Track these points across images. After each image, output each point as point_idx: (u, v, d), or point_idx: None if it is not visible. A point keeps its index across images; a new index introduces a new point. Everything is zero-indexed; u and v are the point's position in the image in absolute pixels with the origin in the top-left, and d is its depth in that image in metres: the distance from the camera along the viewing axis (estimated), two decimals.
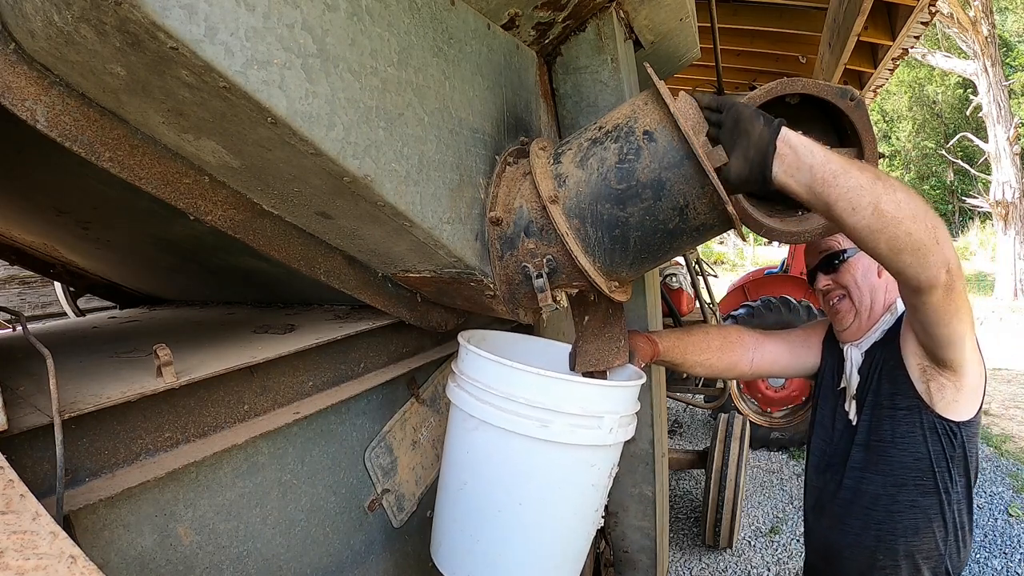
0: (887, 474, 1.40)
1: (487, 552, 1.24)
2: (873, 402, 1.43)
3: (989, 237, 17.62)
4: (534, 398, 1.15)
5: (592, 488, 1.26)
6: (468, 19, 1.20)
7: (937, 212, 1.06)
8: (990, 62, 12.04)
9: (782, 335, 1.73)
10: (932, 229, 1.03)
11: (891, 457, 1.39)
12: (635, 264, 1.21)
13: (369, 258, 1.30)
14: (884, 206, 1.01)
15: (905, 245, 1.04)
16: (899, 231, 1.02)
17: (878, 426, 1.41)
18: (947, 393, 1.31)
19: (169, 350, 0.98)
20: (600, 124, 1.20)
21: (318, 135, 0.83)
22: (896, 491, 1.39)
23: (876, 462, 1.42)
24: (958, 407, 1.31)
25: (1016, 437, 5.46)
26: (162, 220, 1.38)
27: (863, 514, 1.44)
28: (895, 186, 1.03)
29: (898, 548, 1.40)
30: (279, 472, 1.18)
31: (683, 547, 3.97)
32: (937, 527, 1.37)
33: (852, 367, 1.50)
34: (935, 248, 1.04)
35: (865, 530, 1.45)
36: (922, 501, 1.37)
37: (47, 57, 0.76)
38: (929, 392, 1.32)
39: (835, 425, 1.55)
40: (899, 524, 1.40)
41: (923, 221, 1.03)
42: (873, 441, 1.42)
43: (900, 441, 1.37)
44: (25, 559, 0.51)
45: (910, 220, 1.02)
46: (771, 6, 3.93)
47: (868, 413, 1.44)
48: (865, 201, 1.01)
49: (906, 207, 1.02)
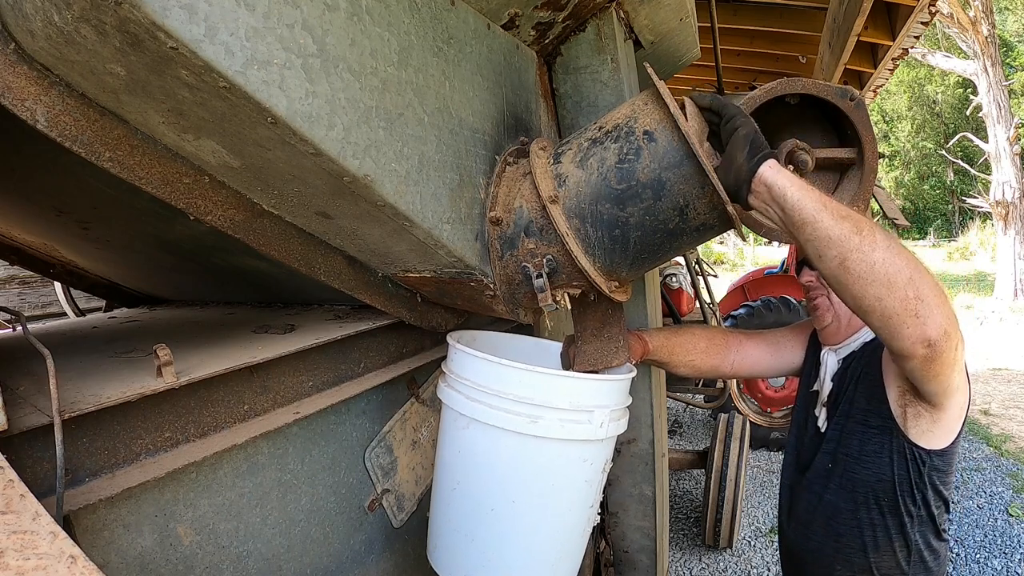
0: (849, 489, 1.38)
1: (482, 552, 1.24)
2: (846, 413, 1.41)
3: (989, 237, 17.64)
4: (523, 394, 1.15)
5: (586, 484, 1.26)
6: (468, 19, 1.20)
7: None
8: (990, 62, 12.04)
9: (766, 335, 1.74)
10: (913, 300, 0.94)
11: (854, 473, 1.37)
12: (635, 264, 1.21)
13: (369, 258, 1.30)
14: (852, 264, 0.95)
15: (872, 309, 0.97)
16: (866, 293, 0.96)
17: (847, 440, 1.39)
18: (922, 423, 1.26)
19: (169, 350, 0.98)
20: (600, 124, 1.20)
21: (318, 135, 0.83)
22: (856, 507, 1.37)
23: (840, 474, 1.40)
24: (931, 436, 1.26)
25: (1016, 437, 5.46)
26: (162, 220, 1.38)
27: (825, 523, 1.44)
28: (876, 245, 0.94)
29: (856, 561, 1.39)
30: (279, 472, 1.18)
31: (683, 547, 3.97)
32: (899, 546, 1.34)
33: (826, 373, 1.49)
34: (912, 322, 0.95)
35: (826, 539, 1.44)
36: (881, 520, 1.35)
37: (47, 57, 0.76)
38: (904, 416, 1.28)
39: (807, 427, 1.55)
40: (858, 539, 1.38)
41: (901, 290, 0.94)
42: (840, 454, 1.40)
43: (865, 460, 1.35)
44: (25, 559, 0.51)
45: (882, 286, 0.94)
46: (771, 6, 3.93)
47: (839, 425, 1.42)
48: (832, 253, 0.96)
49: (880, 270, 0.93)
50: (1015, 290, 12.19)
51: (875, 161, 1.26)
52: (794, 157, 1.22)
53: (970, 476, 4.74)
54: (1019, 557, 3.63)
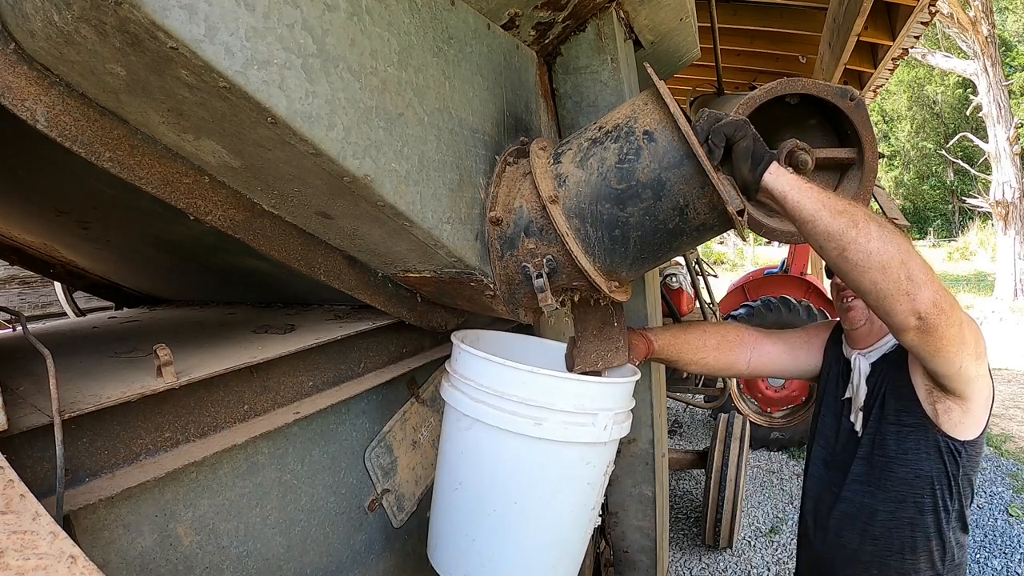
0: (888, 489, 1.39)
1: (483, 552, 1.24)
2: (879, 416, 1.42)
3: (989, 237, 17.63)
4: (527, 396, 1.15)
5: (588, 486, 1.26)
6: (468, 19, 1.20)
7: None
8: (990, 62, 12.04)
9: (782, 335, 1.72)
10: (904, 280, 1.07)
11: (893, 473, 1.38)
12: (635, 264, 1.21)
13: (369, 258, 1.30)
14: (850, 255, 1.07)
15: (869, 291, 1.10)
16: (863, 278, 1.08)
17: (882, 441, 1.40)
18: (954, 415, 1.31)
19: (169, 350, 0.98)
20: (600, 124, 1.20)
21: (318, 135, 0.83)
22: (895, 507, 1.39)
23: (878, 477, 1.41)
24: (964, 428, 1.32)
25: (1016, 437, 5.46)
26: (162, 220, 1.38)
27: (861, 529, 1.44)
28: (871, 236, 1.06)
29: (894, 565, 1.40)
30: (279, 472, 1.18)
31: (683, 547, 3.97)
32: (935, 546, 1.37)
33: (860, 378, 1.48)
34: (903, 299, 1.08)
35: (862, 545, 1.44)
36: (920, 519, 1.37)
37: (47, 57, 0.76)
38: (936, 413, 1.33)
39: (839, 436, 1.53)
40: (896, 541, 1.39)
41: (894, 272, 1.06)
42: (876, 456, 1.41)
43: (904, 457, 1.37)
44: (25, 559, 0.51)
45: (878, 271, 1.06)
46: (771, 6, 3.94)
47: (873, 427, 1.43)
48: (831, 246, 1.08)
49: (876, 258, 1.06)
50: (1015, 290, 12.18)
51: (875, 161, 1.26)
52: (794, 157, 1.22)
53: None
54: (1019, 557, 3.63)
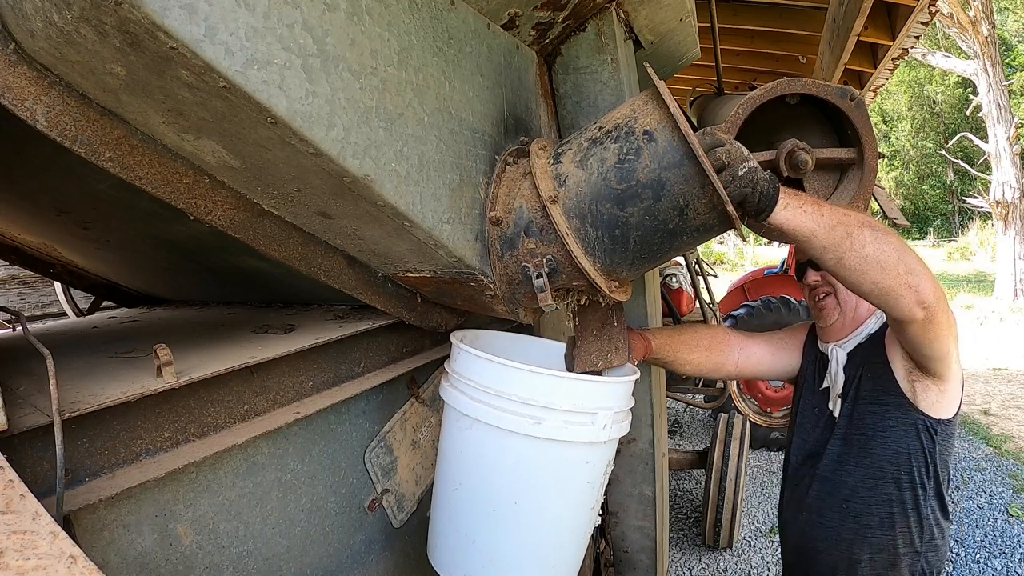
0: (867, 467, 1.44)
1: (483, 552, 1.24)
2: (855, 397, 1.47)
3: (989, 237, 17.63)
4: (527, 395, 1.15)
5: (588, 485, 1.26)
6: (468, 19, 1.20)
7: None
8: (990, 62, 12.04)
9: (766, 337, 1.77)
10: (904, 275, 1.12)
11: (871, 450, 1.43)
12: (635, 264, 1.21)
13: (369, 258, 1.30)
14: (847, 262, 1.13)
15: (871, 291, 1.16)
16: (863, 280, 1.14)
17: (860, 420, 1.45)
18: (931, 395, 1.38)
19: (169, 350, 0.98)
20: (600, 124, 1.20)
21: (318, 135, 0.83)
22: (874, 483, 1.43)
23: (856, 455, 1.46)
24: (940, 406, 1.38)
25: (1016, 437, 5.46)
26: (162, 220, 1.38)
27: (840, 506, 1.48)
28: (866, 242, 1.11)
29: (874, 541, 1.43)
30: (279, 472, 1.18)
31: (683, 547, 3.97)
32: (913, 522, 1.41)
33: (837, 367, 1.53)
34: (906, 292, 1.14)
35: (843, 523, 1.47)
36: (898, 495, 1.41)
37: (47, 57, 0.76)
38: (914, 391, 1.39)
39: (817, 425, 1.58)
40: (875, 517, 1.43)
41: (893, 269, 1.12)
42: (854, 434, 1.46)
43: (882, 435, 1.42)
44: (25, 559, 0.51)
45: (877, 272, 1.12)
46: (771, 6, 3.93)
47: (849, 407, 1.48)
48: (828, 257, 1.14)
49: (873, 261, 1.11)
50: (1015, 290, 12.18)
51: (875, 161, 1.26)
52: (794, 158, 1.22)
53: (970, 476, 4.74)
54: (1019, 557, 3.63)
